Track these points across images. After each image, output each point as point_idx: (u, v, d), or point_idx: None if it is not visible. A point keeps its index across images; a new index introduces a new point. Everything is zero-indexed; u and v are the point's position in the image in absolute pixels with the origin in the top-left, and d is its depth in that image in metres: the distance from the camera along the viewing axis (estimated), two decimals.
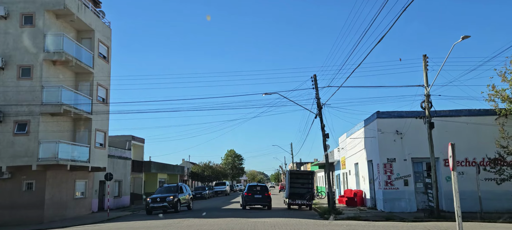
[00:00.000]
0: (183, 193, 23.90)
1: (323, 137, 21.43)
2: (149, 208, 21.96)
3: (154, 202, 21.96)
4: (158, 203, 21.91)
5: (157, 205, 21.92)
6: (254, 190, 23.99)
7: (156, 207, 21.86)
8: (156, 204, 21.91)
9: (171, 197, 22.07)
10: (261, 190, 23.97)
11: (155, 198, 22.26)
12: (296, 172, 27.08)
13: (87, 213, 25.50)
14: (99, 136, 25.49)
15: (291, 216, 18.72)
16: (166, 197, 22.07)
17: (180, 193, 23.40)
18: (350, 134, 27.68)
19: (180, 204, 22.78)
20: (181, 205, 23.15)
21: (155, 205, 21.91)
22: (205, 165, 57.05)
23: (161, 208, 21.98)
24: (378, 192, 21.18)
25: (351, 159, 28.20)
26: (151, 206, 21.96)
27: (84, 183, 25.53)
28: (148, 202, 22.23)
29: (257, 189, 23.90)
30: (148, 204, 22.08)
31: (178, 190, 23.49)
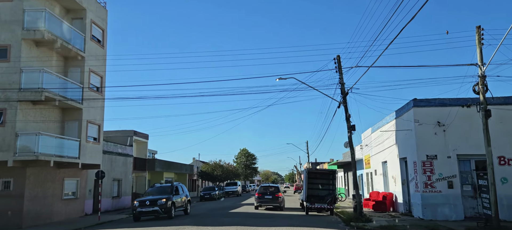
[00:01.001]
0: (178, 195, 20.29)
1: (348, 129, 18.05)
2: (136, 213, 18.30)
3: (143, 206, 18.32)
4: (148, 207, 18.24)
5: (146, 209, 18.25)
6: (264, 191, 24.31)
7: (145, 212, 18.28)
8: (145, 208, 18.25)
9: (164, 200, 18.43)
10: (272, 191, 24.18)
11: (144, 201, 18.54)
12: (315, 171, 23.70)
13: (79, 215, 22.69)
14: (92, 129, 22.64)
15: (309, 224, 15.45)
16: (157, 200, 18.40)
17: (175, 194, 19.78)
18: (377, 128, 24.21)
19: (175, 208, 19.29)
20: (176, 209, 19.70)
21: (143, 209, 18.25)
22: (215, 164, 54.04)
23: (151, 214, 18.41)
24: (415, 196, 17.70)
25: (377, 157, 24.71)
26: (139, 211, 18.27)
27: (76, 182, 22.71)
28: (135, 206, 18.53)
29: (268, 190, 24.29)
30: (135, 208, 18.38)
31: (173, 191, 19.79)
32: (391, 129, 20.27)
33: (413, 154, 17.59)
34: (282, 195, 24.52)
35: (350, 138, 18.11)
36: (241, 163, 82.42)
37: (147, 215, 18.46)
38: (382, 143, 22.70)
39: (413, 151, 17.64)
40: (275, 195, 23.75)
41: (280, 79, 18.46)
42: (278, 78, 18.43)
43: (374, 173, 26.09)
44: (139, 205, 18.32)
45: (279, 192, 24.30)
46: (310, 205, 20.63)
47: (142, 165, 33.50)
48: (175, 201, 19.19)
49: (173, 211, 18.65)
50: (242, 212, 22.04)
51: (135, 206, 18.34)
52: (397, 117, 19.65)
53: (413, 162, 17.70)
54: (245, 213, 21.26)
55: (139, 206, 18.28)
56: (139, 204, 18.40)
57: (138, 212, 18.22)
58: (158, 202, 18.27)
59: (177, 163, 42.85)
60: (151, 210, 18.11)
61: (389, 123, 21.07)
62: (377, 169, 25.20)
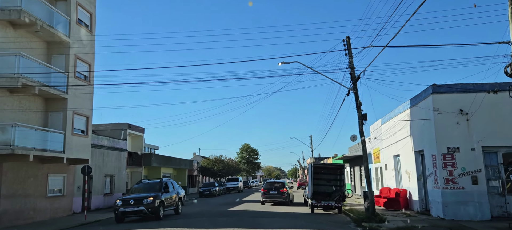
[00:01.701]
0: (168, 192, 18.04)
1: (359, 118, 16.21)
2: (118, 213, 15.96)
3: (126, 205, 15.95)
4: (132, 206, 15.88)
5: (130, 209, 15.89)
6: (270, 186, 24.67)
7: (129, 213, 15.98)
8: (129, 208, 15.89)
9: (151, 199, 16.07)
10: (277, 186, 24.48)
11: (128, 199, 16.24)
12: (322, 165, 21.86)
13: (66, 214, 21.02)
14: (79, 121, 20.91)
15: (314, 226, 13.66)
16: (143, 199, 16.06)
17: (164, 192, 17.55)
18: (388, 119, 22.34)
19: (164, 208, 17.08)
20: (166, 209, 17.53)
21: (127, 209, 15.89)
22: (216, 159, 52.29)
23: (136, 214, 16.14)
24: (434, 193, 15.86)
25: (388, 151, 22.86)
26: (122, 211, 15.92)
27: (62, 178, 21.03)
28: (117, 205, 16.17)
29: (273, 186, 24.62)
30: (117, 208, 16.01)
31: (162, 188, 17.58)
32: (406, 119, 18.39)
33: (432, 146, 15.73)
34: (287, 190, 24.61)
35: (361, 128, 16.26)
36: (243, 158, 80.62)
37: (131, 215, 16.34)
38: (394, 134, 20.84)
39: (431, 143, 15.78)
40: (280, 190, 24.08)
41: (283, 64, 16.62)
42: (281, 62, 16.60)
43: (384, 167, 24.25)
44: (122, 204, 16.00)
45: (285, 187, 24.42)
46: (316, 203, 18.84)
47: (137, 160, 31.80)
48: (164, 200, 17.09)
49: (161, 211, 16.55)
50: (242, 211, 20.28)
51: (117, 206, 16.05)
52: (412, 106, 17.77)
53: (431, 155, 15.85)
54: (245, 212, 19.50)
55: (122, 206, 15.98)
56: (122, 203, 16.08)
57: (121, 213, 15.95)
58: (144, 201, 15.99)
59: (175, 158, 41.15)
60: (135, 210, 15.85)
61: (403, 112, 19.20)
62: (388, 163, 23.35)
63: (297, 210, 21.10)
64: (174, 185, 19.06)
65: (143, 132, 33.27)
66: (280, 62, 16.60)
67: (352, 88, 16.26)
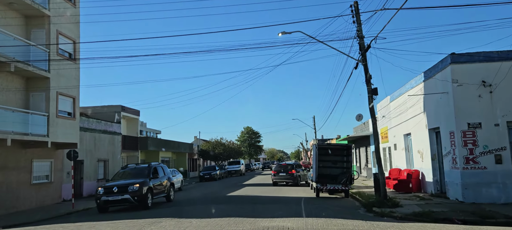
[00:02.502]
0: (158, 178, 16.23)
1: (369, 93, 14.61)
2: (100, 203, 14.24)
3: (109, 194, 14.17)
4: (115, 194, 14.11)
5: (113, 198, 14.12)
6: (279, 168, 26.46)
7: (112, 202, 14.23)
8: (112, 196, 14.11)
9: (137, 185, 14.28)
10: (286, 168, 26.12)
11: (111, 187, 14.34)
12: (327, 146, 20.34)
13: (55, 202, 19.76)
14: (65, 102, 19.41)
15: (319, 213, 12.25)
16: (128, 186, 14.25)
17: (153, 178, 15.74)
18: (397, 96, 20.74)
19: (153, 195, 15.33)
20: (156, 196, 15.79)
21: (110, 198, 14.12)
22: (216, 142, 50.94)
23: (120, 203, 14.40)
24: (451, 174, 14.36)
25: (397, 130, 21.34)
26: (104, 200, 14.19)
27: (49, 163, 19.67)
28: (98, 193, 14.45)
29: (282, 168, 26.35)
30: (99, 196, 14.30)
31: (150, 173, 15.71)
32: (419, 93, 16.77)
33: (450, 122, 14.16)
34: (296, 172, 26.03)
35: (371, 104, 14.67)
36: (245, 141, 79.39)
37: (115, 205, 14.57)
38: (405, 112, 19.26)
39: (449, 119, 14.20)
40: (289, 172, 25.71)
41: (284, 34, 14.94)
42: (281, 32, 14.92)
43: (393, 147, 22.77)
44: (104, 193, 14.24)
45: (293, 169, 25.94)
46: (321, 187, 17.41)
47: (133, 143, 30.43)
48: (153, 186, 15.33)
49: (149, 199, 14.82)
50: (241, 196, 18.91)
51: (99, 194, 14.34)
52: (427, 79, 16.13)
53: (449, 133, 14.29)
54: (245, 197, 18.12)
55: (104, 194, 14.22)
56: (104, 191, 14.28)
57: (103, 202, 14.21)
58: (129, 188, 14.17)
59: (174, 141, 39.79)
60: (119, 199, 14.12)
61: (415, 87, 17.58)
62: (397, 143, 21.86)
63: (301, 194, 19.73)
64: (165, 170, 17.50)
65: (138, 115, 31.80)
66: (280, 33, 14.93)
67: (361, 59, 14.61)
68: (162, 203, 16.38)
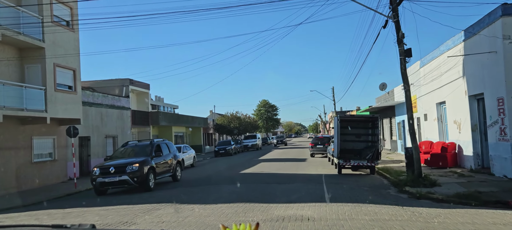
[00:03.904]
0: (161, 156, 14.57)
1: (401, 55, 12.54)
2: (96, 185, 12.81)
3: (105, 175, 12.69)
4: (112, 176, 12.59)
5: (110, 179, 12.59)
6: (317, 141, 27.53)
7: (109, 183, 12.70)
8: (109, 177, 12.61)
9: (136, 165, 12.69)
10: (323, 141, 27.04)
11: (107, 167, 12.85)
12: (350, 117, 18.34)
13: (60, 181, 18.72)
14: (64, 75, 18.02)
15: (346, 193, 10.54)
16: (126, 166, 12.68)
17: (155, 156, 14.10)
18: (430, 60, 18.49)
19: (156, 175, 13.76)
20: (159, 177, 14.17)
21: (107, 179, 12.63)
22: (232, 116, 49.46)
23: (117, 185, 12.81)
24: (498, 146, 12.32)
25: (428, 98, 19.19)
26: (100, 182, 12.70)
27: (52, 140, 18.52)
28: (94, 174, 12.96)
29: (319, 140, 27.44)
30: (95, 178, 12.84)
31: (152, 151, 14.09)
32: (458, 55, 14.55)
33: (499, 87, 12.01)
34: None
35: (404, 67, 12.60)
36: (262, 114, 77.76)
37: (112, 187, 13.01)
38: (439, 77, 17.08)
39: (498, 83, 12.06)
40: (325, 144, 26.24)
41: None
42: None
43: (423, 118, 20.66)
44: (101, 173, 12.77)
45: (329, 142, 25.77)
46: (343, 163, 15.64)
47: (143, 118, 29.17)
48: (155, 166, 13.73)
49: (151, 180, 13.29)
50: (256, 174, 17.36)
51: (94, 175, 12.86)
52: (468, 37, 13.87)
53: (497, 100, 12.17)
54: (259, 175, 16.57)
55: (101, 175, 12.74)
56: (101, 171, 12.81)
57: (99, 184, 12.72)
58: (127, 169, 12.58)
59: (187, 116, 38.48)
60: (117, 181, 12.56)
61: (453, 48, 15.33)
62: (428, 113, 19.75)
63: (320, 170, 18.06)
64: (170, 147, 15.88)
65: (148, 88, 30.39)
66: None
67: (392, 15, 12.45)
68: (168, 183, 14.94)
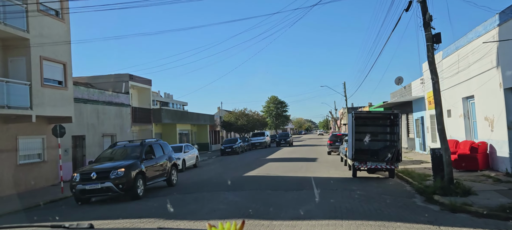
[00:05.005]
0: (153, 159, 12.94)
1: (428, 41, 10.77)
2: (76, 192, 11.26)
3: (86, 181, 11.13)
4: (94, 182, 11.00)
5: (91, 186, 10.99)
6: (335, 138, 26.77)
7: (90, 191, 11.13)
8: (90, 184, 11.02)
9: (122, 170, 11.10)
10: (341, 139, 25.32)
11: (89, 172, 11.30)
12: (366, 114, 16.55)
13: (51, 183, 17.37)
14: (53, 69, 16.61)
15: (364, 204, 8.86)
16: (110, 171, 11.14)
17: (146, 159, 12.48)
18: (454, 50, 16.62)
19: (146, 181, 12.12)
20: (150, 182, 12.60)
21: (87, 186, 11.04)
22: (240, 113, 47.87)
23: (100, 192, 11.18)
24: None
25: (453, 92, 17.32)
26: (80, 189, 11.12)
27: (40, 140, 17.17)
28: (74, 180, 11.37)
29: (338, 138, 26.27)
30: (74, 185, 11.27)
31: (143, 154, 12.40)
32: (491, 41, 12.67)
33: None
34: None
35: (431, 55, 10.81)
36: (271, 111, 75.98)
37: (94, 194, 11.36)
38: (467, 68, 15.21)
39: None
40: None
41: None
42: None
43: (446, 114, 18.71)
44: (81, 180, 11.19)
45: None
46: (359, 165, 13.90)
47: (145, 116, 27.77)
48: (145, 170, 12.09)
49: (140, 187, 11.62)
50: (261, 177, 15.74)
51: (74, 182, 11.29)
52: (504, 21, 11.99)
53: None
54: (264, 179, 14.95)
55: (81, 181, 11.16)
56: (81, 177, 11.23)
57: (79, 191, 11.14)
58: (111, 174, 11.02)
59: (192, 113, 37.05)
60: (99, 188, 10.96)
61: (484, 35, 13.46)
62: (452, 109, 17.87)
63: (332, 172, 16.35)
64: (165, 148, 14.21)
65: (150, 84, 28.96)
66: None
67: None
68: (161, 189, 13.32)
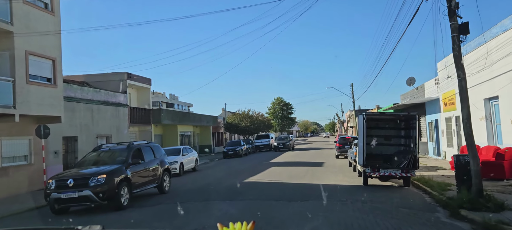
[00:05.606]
0: (140, 164, 11.52)
1: (453, 32, 9.44)
2: (51, 201, 9.93)
3: (62, 189, 9.77)
4: (71, 190, 9.63)
5: (67, 194, 9.62)
6: (344, 142, 26.08)
7: (67, 200, 9.77)
8: (66, 192, 9.68)
9: (103, 176, 9.82)
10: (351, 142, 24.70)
11: (65, 179, 9.95)
12: (379, 115, 15.14)
13: (36, 188, 16.13)
14: (40, 65, 15.48)
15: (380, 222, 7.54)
16: (89, 178, 9.87)
17: (134, 164, 11.18)
18: (473, 48, 15.22)
19: (132, 189, 10.80)
20: (137, 190, 11.24)
21: (63, 194, 9.68)
22: (243, 114, 46.59)
23: (77, 201, 9.88)
24: None
25: (472, 93, 15.77)
26: (55, 198, 9.79)
27: (27, 141, 16.02)
28: (49, 188, 10.00)
29: (348, 141, 25.49)
30: (49, 193, 9.94)
31: (129, 158, 11.05)
32: None
33: None
34: None
35: (457, 48, 9.46)
36: (276, 113, 74.66)
37: (71, 204, 10.02)
38: (490, 66, 13.82)
39: None
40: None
41: None
42: None
43: None
44: (56, 187, 9.85)
45: None
46: (371, 172, 12.53)
47: (143, 116, 26.61)
48: (131, 176, 10.81)
49: (124, 195, 10.28)
50: (262, 184, 14.42)
51: (49, 189, 9.95)
52: None
53: None
54: (265, 186, 13.64)
55: (56, 189, 9.82)
56: (56, 185, 9.90)
57: (54, 200, 9.80)
58: (90, 181, 9.74)
59: (194, 114, 35.91)
60: (76, 197, 9.61)
61: (510, 29, 12.08)
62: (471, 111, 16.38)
63: (340, 178, 15.01)
64: (156, 152, 12.85)
65: (149, 83, 27.81)
66: None
67: None
68: (151, 197, 12.04)
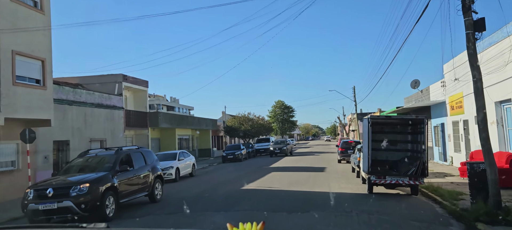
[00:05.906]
0: (129, 171, 10.73)
1: (467, 28, 8.66)
2: (28, 212, 9.19)
3: (41, 199, 9.07)
4: (50, 201, 8.92)
5: (46, 206, 8.90)
6: (347, 146, 25.53)
7: (46, 212, 8.98)
8: (45, 203, 8.94)
9: (86, 185, 9.10)
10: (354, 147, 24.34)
11: (44, 189, 9.20)
12: (385, 119, 14.28)
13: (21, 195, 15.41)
14: (28, 66, 14.75)
15: None
16: (70, 187, 9.11)
17: (121, 171, 10.37)
18: (486, 46, 14.40)
19: (119, 198, 10.03)
20: (125, 199, 10.47)
21: (41, 206, 8.95)
22: (243, 117, 45.82)
23: (57, 213, 9.04)
24: None
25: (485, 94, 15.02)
26: (33, 210, 9.04)
27: (14, 146, 15.31)
28: (26, 198, 9.30)
29: (350, 146, 25.14)
30: (27, 204, 9.20)
31: (116, 165, 10.33)
32: None
33: None
34: None
35: (472, 46, 8.68)
36: (277, 116, 73.90)
37: (50, 216, 9.12)
38: (502, 68, 13.03)
39: None
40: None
41: None
42: None
43: (473, 121, 16.52)
44: (34, 197, 9.13)
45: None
46: (376, 179, 11.72)
47: (140, 120, 25.85)
48: (118, 184, 10.03)
49: (110, 206, 9.57)
50: (260, 191, 13.60)
51: (27, 199, 9.24)
52: None
53: None
54: (264, 194, 12.83)
55: (34, 199, 9.10)
56: (34, 194, 9.18)
57: (32, 212, 9.04)
58: (72, 191, 8.96)
59: (193, 117, 35.16)
60: (55, 209, 8.86)
61: None
62: None
63: (344, 185, 14.19)
64: (148, 158, 12.03)
65: (146, 86, 27.07)
66: None
67: None
68: (141, 206, 11.25)
